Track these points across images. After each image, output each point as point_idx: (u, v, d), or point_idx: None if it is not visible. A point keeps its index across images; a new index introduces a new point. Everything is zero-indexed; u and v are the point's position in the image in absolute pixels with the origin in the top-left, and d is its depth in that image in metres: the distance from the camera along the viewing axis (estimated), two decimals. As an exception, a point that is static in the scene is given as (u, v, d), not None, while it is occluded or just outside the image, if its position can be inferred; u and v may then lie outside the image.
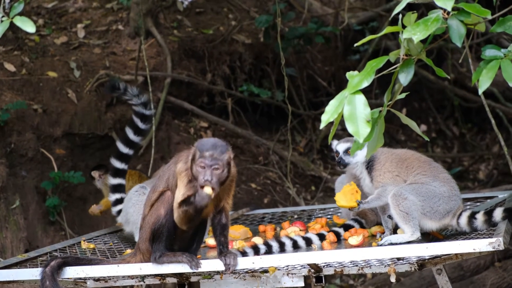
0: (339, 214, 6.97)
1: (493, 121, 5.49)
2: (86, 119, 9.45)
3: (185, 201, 5.11)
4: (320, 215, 7.09)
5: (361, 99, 3.70)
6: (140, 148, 9.51)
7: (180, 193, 5.15)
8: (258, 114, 11.39)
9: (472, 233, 5.52)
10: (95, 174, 7.41)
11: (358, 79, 3.74)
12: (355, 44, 4.05)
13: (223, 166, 5.07)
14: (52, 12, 10.87)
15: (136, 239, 6.14)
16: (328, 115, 3.75)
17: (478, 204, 6.64)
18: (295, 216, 7.17)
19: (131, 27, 10.50)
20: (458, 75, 11.92)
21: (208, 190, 5.06)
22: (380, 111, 3.81)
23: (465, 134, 12.25)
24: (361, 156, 5.81)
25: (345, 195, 5.71)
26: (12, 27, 4.19)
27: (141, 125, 6.98)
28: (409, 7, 4.32)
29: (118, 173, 7.07)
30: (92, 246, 6.48)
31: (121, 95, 7.01)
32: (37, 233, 8.82)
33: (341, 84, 11.42)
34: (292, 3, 11.54)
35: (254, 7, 11.62)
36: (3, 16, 4.07)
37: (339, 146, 5.85)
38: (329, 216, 6.87)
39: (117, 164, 7.03)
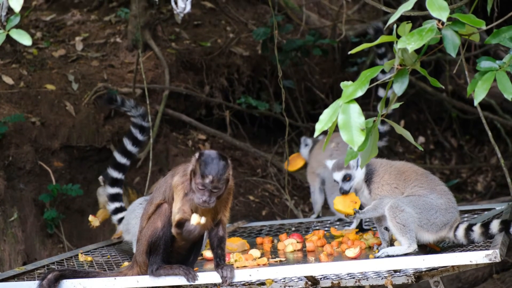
0: (336, 226, 6.98)
1: (489, 133, 5.50)
2: (84, 131, 9.44)
3: (178, 225, 5.12)
4: (317, 227, 7.10)
5: (355, 108, 3.71)
6: (138, 160, 9.51)
7: (176, 207, 5.15)
8: (256, 127, 11.39)
9: (469, 245, 5.52)
10: (102, 180, 7.42)
11: (352, 88, 3.75)
12: (349, 52, 4.06)
13: (222, 186, 5.06)
14: (50, 25, 10.89)
15: (134, 250, 6.15)
16: (322, 124, 3.75)
17: (475, 216, 6.64)
18: (293, 229, 7.17)
19: (129, 40, 10.52)
20: (456, 87, 11.91)
21: (194, 219, 5.06)
22: (374, 121, 3.82)
23: (463, 146, 12.24)
24: (358, 177, 5.81)
25: (344, 201, 5.71)
26: (11, 40, 4.19)
27: (139, 136, 7.03)
28: (408, 18, 4.33)
29: (115, 182, 7.12)
30: (89, 258, 6.47)
31: (119, 107, 7.06)
32: (35, 245, 8.80)
33: (339, 96, 11.37)
34: (290, 15, 11.55)
35: (252, 20, 11.64)
36: (-1, 30, 4.07)
37: (336, 175, 5.85)
38: (326, 228, 6.88)
39: (115, 174, 7.09)
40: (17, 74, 9.65)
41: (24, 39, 4.02)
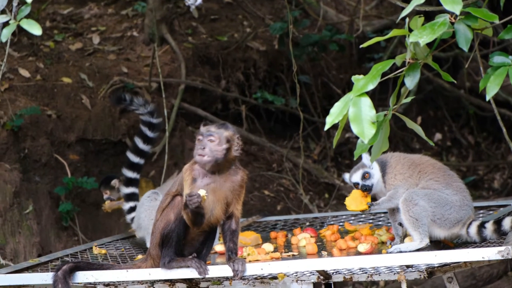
0: (351, 221, 6.96)
1: (504, 130, 5.46)
2: (100, 125, 9.47)
3: (185, 204, 5.12)
4: (332, 222, 7.08)
5: (366, 101, 3.69)
6: (153, 154, 9.52)
7: (185, 194, 5.14)
8: (273, 121, 11.38)
9: (482, 243, 5.49)
10: (115, 183, 7.39)
11: (363, 82, 3.73)
12: (361, 46, 4.04)
13: (219, 138, 5.06)
14: (68, 18, 10.92)
15: (147, 245, 6.16)
16: (332, 117, 3.74)
17: (491, 212, 6.61)
18: (307, 223, 7.16)
19: (146, 33, 10.53)
20: (474, 83, 11.86)
21: (201, 191, 5.05)
22: (385, 115, 3.80)
23: (480, 143, 12.18)
24: (376, 175, 5.77)
25: (355, 200, 5.68)
26: (28, 33, 4.20)
27: (149, 133, 7.02)
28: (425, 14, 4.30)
29: (130, 182, 7.11)
30: (103, 251, 6.49)
31: (127, 106, 7.05)
32: (50, 238, 8.84)
33: (356, 92, 11.37)
34: (307, 10, 11.53)
35: (269, 14, 11.63)
36: (10, 19, 4.08)
37: (354, 177, 5.79)
38: (341, 223, 6.86)
39: (129, 173, 7.07)
40: (34, 67, 9.68)
41: (34, 28, 4.02)
